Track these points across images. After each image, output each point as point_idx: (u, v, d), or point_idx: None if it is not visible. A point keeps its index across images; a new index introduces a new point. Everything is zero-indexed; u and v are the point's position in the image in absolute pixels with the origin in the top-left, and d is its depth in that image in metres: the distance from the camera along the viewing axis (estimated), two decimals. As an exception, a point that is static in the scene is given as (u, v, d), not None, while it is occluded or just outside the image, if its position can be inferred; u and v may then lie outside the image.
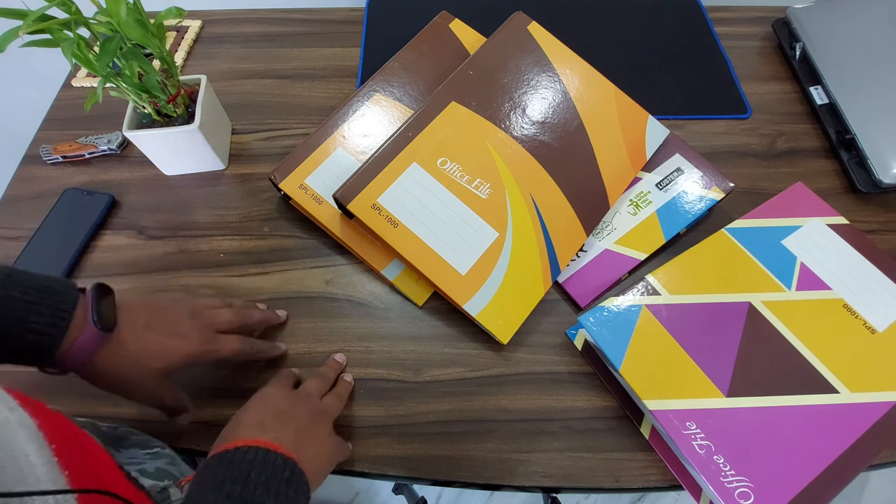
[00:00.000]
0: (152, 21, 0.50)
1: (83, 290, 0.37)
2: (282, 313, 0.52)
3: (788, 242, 0.51)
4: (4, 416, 0.26)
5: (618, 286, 0.54)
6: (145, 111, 0.55)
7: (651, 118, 0.59)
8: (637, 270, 0.54)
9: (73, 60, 0.47)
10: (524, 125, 0.56)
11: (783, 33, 0.71)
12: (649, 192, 0.57)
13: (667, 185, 0.57)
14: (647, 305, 0.48)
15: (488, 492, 1.12)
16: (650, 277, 0.50)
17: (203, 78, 0.58)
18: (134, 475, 0.36)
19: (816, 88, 0.65)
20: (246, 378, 0.49)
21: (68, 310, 0.35)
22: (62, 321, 0.34)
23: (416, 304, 0.53)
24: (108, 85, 0.50)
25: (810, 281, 0.49)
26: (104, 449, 0.33)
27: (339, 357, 0.50)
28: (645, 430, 0.46)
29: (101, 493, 0.27)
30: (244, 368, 0.49)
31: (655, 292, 0.49)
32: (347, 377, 0.49)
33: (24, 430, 0.26)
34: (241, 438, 0.33)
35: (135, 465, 0.40)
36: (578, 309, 0.53)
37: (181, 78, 0.57)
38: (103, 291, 0.38)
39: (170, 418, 0.43)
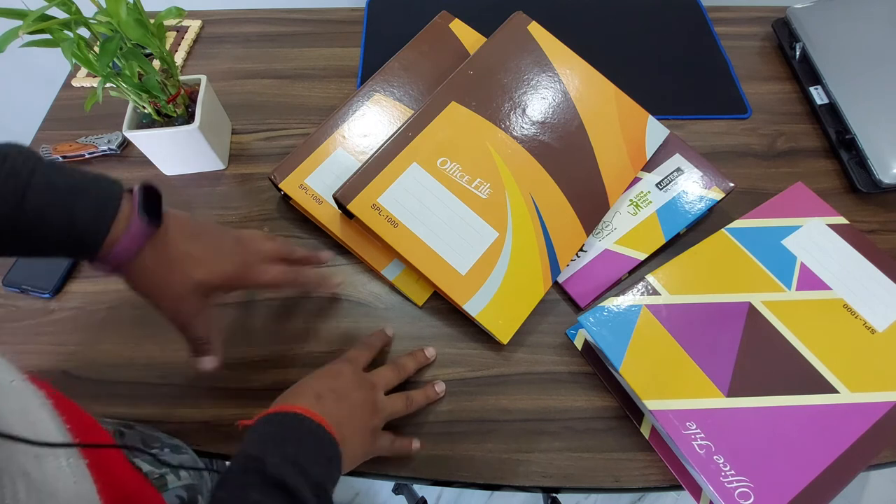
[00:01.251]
0: (152, 21, 0.50)
1: (130, 191, 0.37)
2: (325, 255, 0.50)
3: (788, 242, 0.51)
4: (19, 384, 0.27)
5: (618, 286, 0.54)
6: (145, 111, 0.55)
7: (651, 118, 0.59)
8: (637, 270, 0.54)
9: (73, 60, 0.47)
10: (524, 125, 0.56)
11: (783, 33, 0.71)
12: (649, 192, 0.57)
13: (667, 185, 0.57)
14: (647, 305, 0.48)
15: (488, 492, 1.12)
16: (650, 277, 0.50)
17: (203, 78, 0.58)
18: (132, 459, 0.37)
19: (816, 88, 0.65)
20: (246, 379, 0.49)
21: (115, 200, 0.35)
22: (109, 210, 0.34)
23: (416, 304, 0.53)
24: (108, 85, 0.50)
25: (810, 281, 0.49)
26: (103, 428, 0.35)
27: (429, 352, 0.49)
28: (645, 430, 0.46)
29: (110, 449, 0.30)
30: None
31: (655, 292, 0.49)
32: (439, 387, 0.48)
33: (36, 398, 0.27)
34: (300, 405, 0.35)
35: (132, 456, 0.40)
36: (578, 309, 0.53)
37: (181, 78, 0.57)
38: (151, 192, 0.37)
39: (194, 354, 0.41)
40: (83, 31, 0.47)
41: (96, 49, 0.48)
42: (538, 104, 0.57)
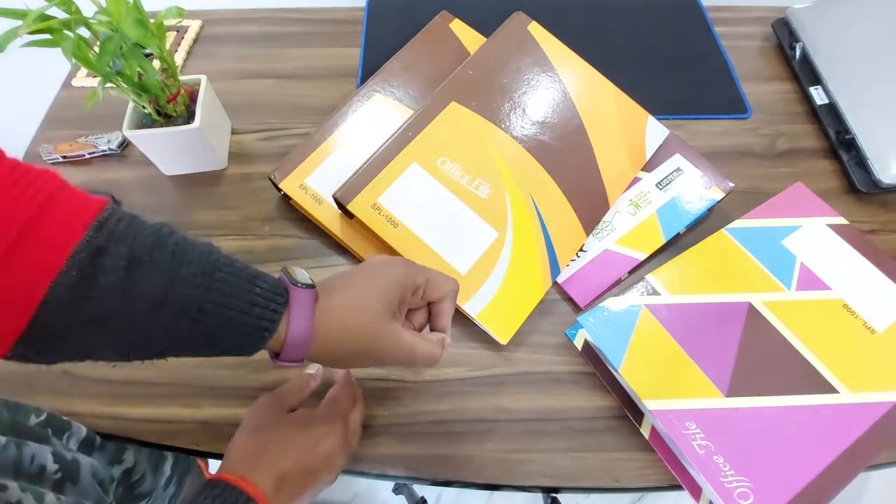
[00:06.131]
0: (152, 21, 0.50)
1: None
2: None
3: (788, 242, 0.51)
4: None
5: (618, 286, 0.54)
6: (145, 111, 0.55)
7: (651, 118, 0.59)
8: (637, 270, 0.54)
9: (73, 60, 0.47)
10: (524, 125, 0.56)
11: (783, 33, 0.71)
12: (649, 192, 0.57)
13: (667, 185, 0.57)
14: (646, 305, 0.48)
15: (488, 492, 1.12)
16: (650, 277, 0.50)
17: (203, 78, 0.58)
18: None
19: (816, 88, 0.65)
20: (246, 379, 0.49)
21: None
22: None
23: (416, 304, 0.53)
24: (108, 85, 0.50)
25: (810, 281, 0.49)
26: None
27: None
28: (645, 430, 0.46)
29: None
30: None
31: (655, 292, 0.49)
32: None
33: None
34: (254, 488, 0.33)
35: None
36: (578, 309, 0.52)
37: (181, 78, 0.57)
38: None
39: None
40: (83, 31, 0.47)
41: (96, 49, 0.48)
42: (538, 104, 0.57)
